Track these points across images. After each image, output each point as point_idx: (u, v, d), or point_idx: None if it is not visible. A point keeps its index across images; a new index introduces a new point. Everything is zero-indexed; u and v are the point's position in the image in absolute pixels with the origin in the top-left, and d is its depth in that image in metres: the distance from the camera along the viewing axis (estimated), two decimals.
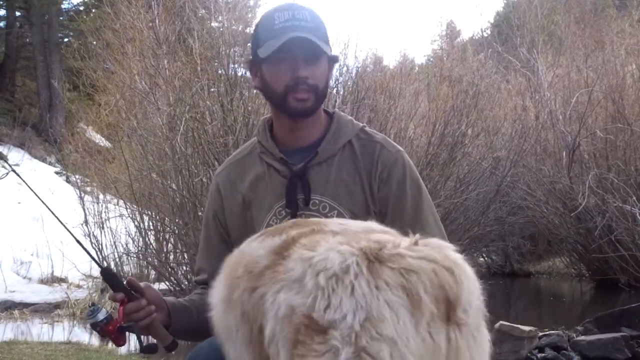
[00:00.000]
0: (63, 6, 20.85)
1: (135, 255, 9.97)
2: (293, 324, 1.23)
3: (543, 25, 14.73)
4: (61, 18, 20.61)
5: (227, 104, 7.61)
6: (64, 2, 20.84)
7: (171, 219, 8.72)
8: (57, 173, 16.39)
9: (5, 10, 20.50)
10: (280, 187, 2.01)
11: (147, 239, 9.56)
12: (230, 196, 2.11)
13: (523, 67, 12.38)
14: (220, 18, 9.43)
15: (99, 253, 10.10)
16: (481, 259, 13.51)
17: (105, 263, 10.17)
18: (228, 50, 8.21)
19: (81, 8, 20.25)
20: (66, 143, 12.30)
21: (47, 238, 10.40)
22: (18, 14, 20.54)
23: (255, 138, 2.17)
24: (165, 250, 9.26)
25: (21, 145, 17.23)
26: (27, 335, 7.55)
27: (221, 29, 8.93)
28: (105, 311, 1.82)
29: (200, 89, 8.01)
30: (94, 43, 11.55)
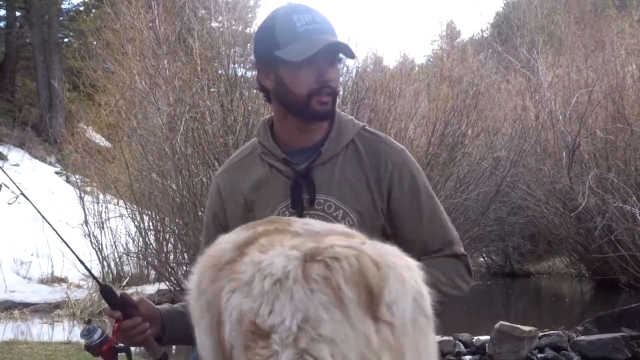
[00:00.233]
0: (63, 6, 20.86)
1: (135, 255, 9.97)
2: (242, 330, 1.25)
3: (543, 25, 14.72)
4: (61, 18, 20.61)
5: (227, 104, 7.61)
6: (64, 2, 20.86)
7: (171, 219, 8.73)
8: (57, 173, 16.39)
9: (5, 10, 20.51)
10: (284, 188, 2.00)
11: (147, 239, 9.57)
12: (232, 198, 2.10)
13: (523, 67, 12.38)
14: (220, 18, 9.43)
15: (99, 253, 10.11)
16: (481, 259, 13.52)
17: (105, 263, 10.19)
18: (228, 51, 8.20)
19: (81, 8, 20.26)
20: (66, 143, 12.31)
21: (47, 238, 10.38)
22: (18, 14, 20.54)
23: (255, 139, 2.17)
24: (165, 250, 9.26)
25: (21, 145, 17.24)
26: (27, 335, 7.54)
27: (221, 29, 8.93)
28: (100, 332, 1.83)
29: (200, 89, 8.01)
30: (94, 43, 11.55)
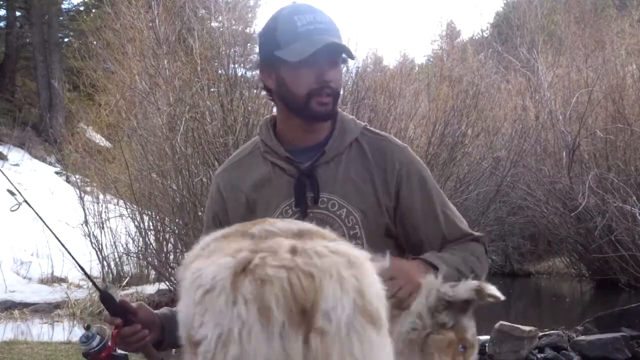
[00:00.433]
0: (63, 6, 20.87)
1: (135, 255, 9.97)
2: (184, 336, 1.27)
3: (543, 25, 14.71)
4: (61, 18, 20.61)
5: (227, 104, 7.61)
6: (64, 2, 20.86)
7: (171, 219, 8.73)
8: (57, 173, 16.39)
9: (5, 10, 20.51)
10: (287, 186, 2.00)
11: (147, 239, 9.57)
12: (233, 197, 2.09)
13: (523, 67, 12.37)
14: (220, 18, 9.43)
15: (99, 253, 10.10)
16: None
17: (105, 263, 10.19)
18: (228, 50, 8.20)
19: (81, 8, 20.26)
20: (66, 143, 12.31)
21: (47, 238, 10.37)
22: (18, 14, 20.54)
23: (256, 138, 2.16)
24: (165, 250, 9.26)
25: (21, 145, 17.24)
26: (27, 335, 7.54)
27: (221, 29, 8.93)
28: (99, 338, 1.84)
29: (200, 89, 8.00)
30: (94, 43, 11.55)
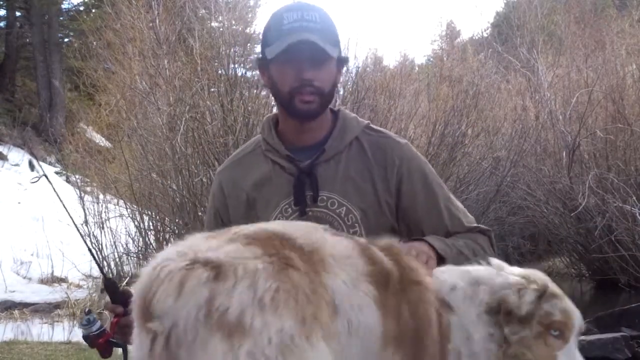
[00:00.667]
0: (63, 6, 20.85)
1: (135, 255, 9.97)
2: None
3: (543, 25, 14.70)
4: (61, 18, 20.59)
5: (227, 104, 7.61)
6: (64, 2, 20.85)
7: (171, 219, 8.73)
8: (57, 173, 16.37)
9: (5, 10, 20.49)
10: (287, 185, 2.00)
11: (147, 239, 9.57)
12: (234, 195, 2.10)
13: (523, 67, 12.36)
14: (220, 18, 9.43)
15: (99, 253, 10.09)
16: None
17: (105, 263, 10.18)
18: (228, 50, 8.20)
19: (81, 8, 20.24)
20: (66, 143, 12.30)
21: (47, 238, 10.40)
22: (18, 14, 20.53)
23: (259, 136, 2.17)
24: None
25: (21, 145, 17.22)
26: (27, 335, 7.54)
27: (221, 29, 8.93)
28: (99, 324, 1.86)
29: (201, 89, 8.01)
30: (94, 43, 11.55)
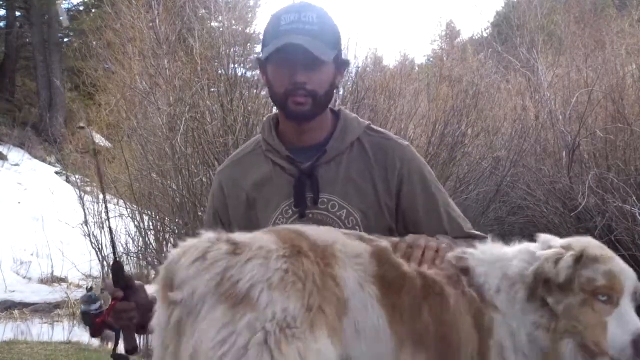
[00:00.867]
0: (63, 6, 20.84)
1: (135, 255, 9.96)
2: None
3: (543, 25, 14.70)
4: (61, 18, 20.59)
5: (227, 104, 7.61)
6: (64, 2, 20.84)
7: (171, 219, 8.72)
8: (57, 173, 16.38)
9: (5, 10, 20.50)
10: (287, 186, 2.00)
11: (147, 239, 9.56)
12: (234, 195, 2.09)
13: (523, 67, 12.35)
14: (220, 18, 9.42)
15: (98, 253, 10.10)
16: None
17: (105, 263, 10.18)
18: (228, 50, 8.20)
19: (81, 8, 20.24)
20: (66, 143, 12.30)
21: (47, 238, 10.40)
22: (18, 14, 20.53)
23: (259, 136, 2.16)
24: (165, 250, 9.25)
25: (21, 145, 17.23)
26: (27, 335, 7.55)
27: (221, 29, 8.92)
28: (100, 304, 1.91)
29: (201, 89, 8.00)
30: (95, 43, 11.55)
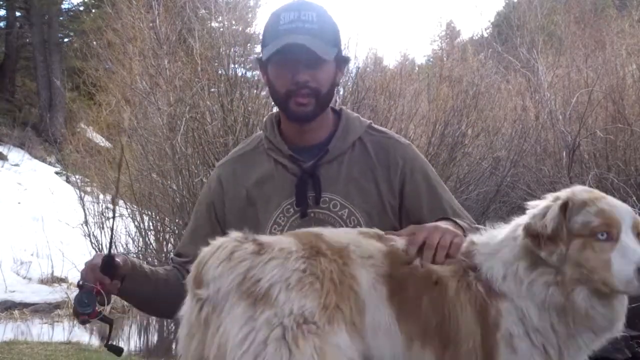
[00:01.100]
0: (63, 6, 20.84)
1: (135, 255, 9.97)
2: None
3: (543, 25, 14.70)
4: (61, 18, 20.59)
5: (227, 104, 7.61)
6: (64, 2, 20.84)
7: (171, 219, 8.72)
8: (57, 173, 16.37)
9: (5, 10, 20.49)
10: (289, 185, 1.99)
11: (147, 239, 9.56)
12: (234, 190, 2.08)
13: (523, 67, 12.36)
14: (220, 18, 9.42)
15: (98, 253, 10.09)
16: None
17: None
18: (228, 51, 8.20)
19: (81, 8, 20.24)
20: (66, 143, 12.30)
21: (47, 238, 10.39)
22: (18, 14, 20.52)
23: (260, 133, 2.15)
24: (165, 250, 9.25)
25: (21, 145, 17.22)
26: (27, 335, 7.55)
27: (221, 29, 8.92)
28: (93, 308, 1.93)
29: (201, 89, 8.00)
30: (95, 43, 11.54)
